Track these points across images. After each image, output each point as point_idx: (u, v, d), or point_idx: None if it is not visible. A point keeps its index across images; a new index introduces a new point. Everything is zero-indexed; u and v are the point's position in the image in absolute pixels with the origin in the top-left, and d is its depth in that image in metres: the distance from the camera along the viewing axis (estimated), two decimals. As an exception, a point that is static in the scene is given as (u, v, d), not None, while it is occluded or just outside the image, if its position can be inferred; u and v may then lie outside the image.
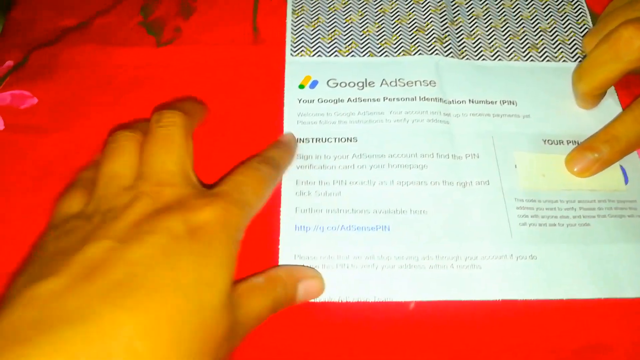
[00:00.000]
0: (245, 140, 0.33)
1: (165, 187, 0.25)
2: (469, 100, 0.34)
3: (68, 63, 0.36)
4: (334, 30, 0.38)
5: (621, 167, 0.32)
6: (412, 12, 0.38)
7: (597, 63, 0.31)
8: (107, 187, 0.25)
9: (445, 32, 0.37)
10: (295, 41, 0.37)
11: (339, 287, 0.28)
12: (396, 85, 0.35)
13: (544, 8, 0.39)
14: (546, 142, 0.33)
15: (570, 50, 0.37)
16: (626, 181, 0.32)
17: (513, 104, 0.34)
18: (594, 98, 0.33)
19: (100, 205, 0.24)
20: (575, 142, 0.33)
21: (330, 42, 0.37)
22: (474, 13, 0.38)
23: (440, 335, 0.28)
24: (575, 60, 0.36)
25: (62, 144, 0.33)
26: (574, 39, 0.37)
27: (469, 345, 0.28)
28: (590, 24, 0.38)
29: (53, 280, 0.20)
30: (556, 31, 0.38)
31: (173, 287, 0.21)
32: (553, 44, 0.37)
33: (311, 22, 0.38)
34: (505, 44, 0.37)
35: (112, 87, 0.35)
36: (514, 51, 0.37)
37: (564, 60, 0.36)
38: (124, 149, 0.27)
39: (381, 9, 0.39)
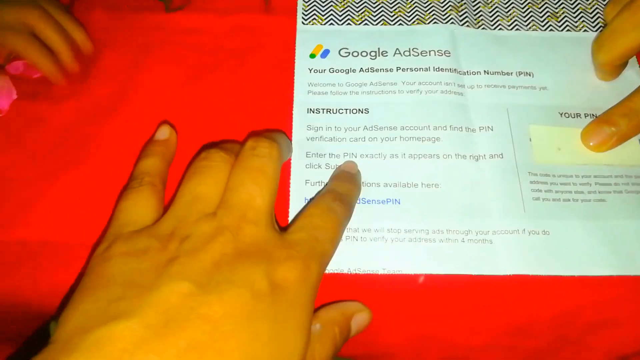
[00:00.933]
0: (255, 110, 0.33)
1: (248, 225, 0.23)
2: (484, 71, 0.34)
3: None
4: (347, -2, 0.37)
5: (640, 141, 0.31)
6: (428, -22, 0.37)
7: (618, 32, 0.30)
8: (188, 208, 0.24)
9: (461, 0, 0.36)
10: (306, 9, 0.36)
11: (349, 259, 0.28)
12: (410, 55, 0.34)
13: (565, -26, 0.37)
14: (563, 114, 0.32)
15: (592, 19, 0.36)
16: (645, 156, 0.31)
17: (530, 75, 0.33)
18: (614, 69, 0.32)
19: (178, 229, 0.23)
20: (593, 115, 0.32)
21: (342, 10, 0.36)
22: (492, -20, 0.37)
23: (450, 308, 0.28)
24: (596, 30, 0.35)
25: (74, 111, 0.33)
26: (596, 7, 0.36)
27: (478, 319, 0.28)
28: (614, -9, 0.37)
29: (126, 325, 0.19)
30: (577, -1, 0.36)
31: (249, 358, 0.19)
32: (574, 12, 0.36)
33: (323, -11, 0.37)
34: (524, 12, 0.36)
35: (122, 53, 0.35)
36: (533, 20, 0.36)
37: (584, 30, 0.35)
38: (214, 170, 0.25)
39: (396, -25, 0.38)
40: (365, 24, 0.36)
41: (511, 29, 0.35)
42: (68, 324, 0.19)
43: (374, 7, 0.36)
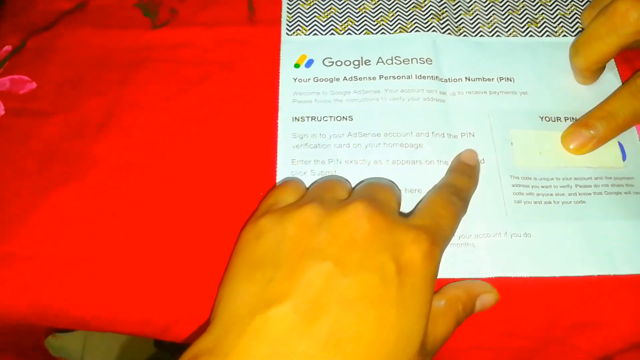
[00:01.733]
0: (242, 119, 0.33)
1: (378, 208, 0.25)
2: (466, 78, 0.34)
3: (65, 47, 0.36)
4: (330, 8, 0.37)
5: (619, 143, 0.32)
6: (410, -12, 0.38)
7: (593, 37, 0.31)
8: (323, 193, 0.27)
9: (443, 8, 0.37)
10: (290, 20, 0.37)
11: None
12: (392, 63, 0.35)
13: (544, -19, 0.38)
14: (543, 119, 0.33)
15: (571, 25, 0.36)
16: (624, 157, 0.31)
17: (510, 80, 0.34)
18: (592, 73, 0.33)
19: (316, 208, 0.25)
20: (573, 118, 0.32)
21: (326, 20, 0.37)
22: (472, -12, 0.38)
23: (434, 312, 0.29)
24: (575, 35, 0.36)
25: (62, 127, 0.33)
26: (575, 13, 0.37)
27: (462, 323, 0.29)
28: (592, -4, 0.37)
29: (279, 310, 0.21)
30: (557, 5, 0.37)
31: (378, 344, 0.21)
32: (553, 18, 0.36)
33: (307, 0, 0.38)
34: (504, 19, 0.36)
35: (109, 69, 0.35)
36: (513, 26, 0.36)
37: (563, 35, 0.36)
38: (340, 178, 0.30)
39: (378, -15, 0.38)
40: (349, 33, 0.36)
41: (492, 35, 0.36)
42: (228, 307, 0.22)
43: (357, 17, 0.37)
